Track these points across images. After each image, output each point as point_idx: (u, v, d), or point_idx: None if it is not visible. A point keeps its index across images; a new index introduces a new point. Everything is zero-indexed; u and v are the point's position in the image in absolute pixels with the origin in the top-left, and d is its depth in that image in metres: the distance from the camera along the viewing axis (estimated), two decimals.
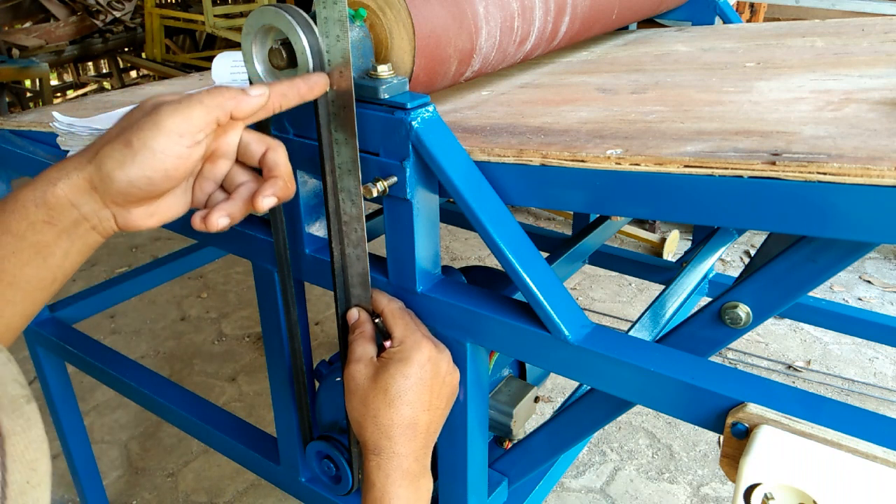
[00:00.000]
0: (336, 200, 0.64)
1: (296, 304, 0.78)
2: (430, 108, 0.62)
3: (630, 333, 0.88)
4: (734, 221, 0.54)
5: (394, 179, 0.62)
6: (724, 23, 1.32)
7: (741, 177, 0.51)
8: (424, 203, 0.64)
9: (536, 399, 0.89)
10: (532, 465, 0.82)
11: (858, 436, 0.48)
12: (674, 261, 1.49)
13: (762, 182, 0.51)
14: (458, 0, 0.71)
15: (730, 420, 0.53)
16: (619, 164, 0.57)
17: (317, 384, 0.89)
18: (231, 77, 1.14)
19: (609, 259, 1.56)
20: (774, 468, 0.48)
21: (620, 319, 2.43)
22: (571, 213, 2.49)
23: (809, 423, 0.49)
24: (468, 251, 2.95)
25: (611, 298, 2.58)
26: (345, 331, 0.70)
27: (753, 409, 0.51)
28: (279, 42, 0.60)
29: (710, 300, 0.68)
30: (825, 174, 0.48)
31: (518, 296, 0.65)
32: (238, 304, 2.57)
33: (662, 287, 1.25)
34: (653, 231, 2.97)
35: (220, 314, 2.52)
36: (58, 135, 0.93)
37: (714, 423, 0.55)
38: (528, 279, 0.60)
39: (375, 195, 0.62)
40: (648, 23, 1.36)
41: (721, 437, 0.54)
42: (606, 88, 0.82)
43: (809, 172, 0.49)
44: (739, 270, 2.64)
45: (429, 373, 0.63)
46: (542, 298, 0.60)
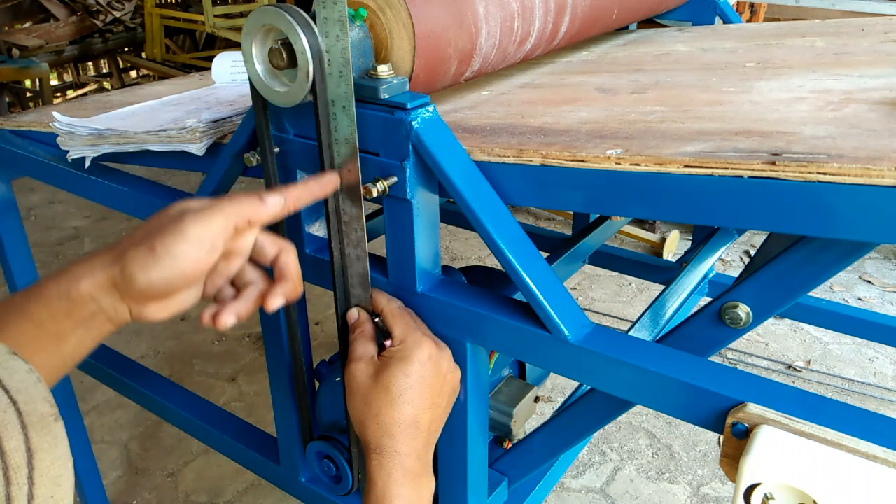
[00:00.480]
0: (336, 200, 0.64)
1: (296, 304, 0.78)
2: (430, 108, 0.62)
3: (630, 333, 0.88)
4: (734, 221, 0.54)
5: (394, 179, 0.62)
6: (724, 23, 1.32)
7: (741, 177, 0.51)
8: (424, 203, 0.64)
9: (536, 399, 0.89)
10: (532, 465, 0.82)
11: (858, 436, 0.48)
12: (674, 261, 1.49)
13: (762, 182, 0.51)
14: (458, 0, 0.71)
15: (730, 420, 0.53)
16: (619, 164, 0.57)
17: (317, 384, 0.89)
18: (231, 77, 1.14)
19: (609, 259, 1.56)
20: (774, 468, 0.48)
21: (620, 319, 2.43)
22: (571, 213, 2.49)
23: (809, 423, 0.49)
24: (468, 251, 2.95)
25: (611, 298, 2.58)
26: (345, 331, 0.70)
27: (753, 409, 0.51)
28: (279, 42, 0.60)
29: (710, 300, 0.68)
30: (825, 174, 0.48)
31: (518, 296, 0.65)
32: None
33: (662, 287, 1.25)
34: (653, 231, 2.97)
35: None
36: (58, 135, 0.93)
37: (714, 423, 0.55)
38: (528, 279, 0.60)
39: (375, 195, 0.62)
40: (648, 23, 1.36)
41: (721, 437, 0.54)
42: (606, 88, 0.82)
43: (809, 172, 0.49)
44: (739, 270, 2.63)
45: (430, 371, 0.63)
46: (542, 298, 0.60)
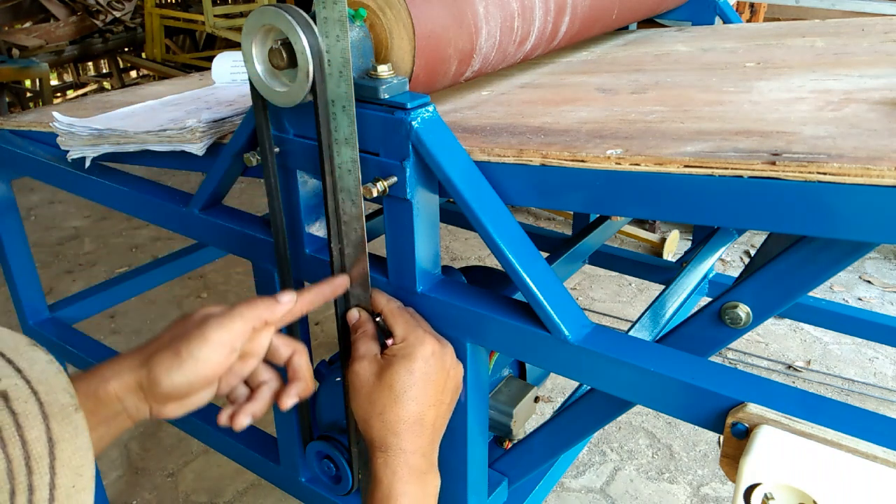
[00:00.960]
0: (336, 200, 0.64)
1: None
2: (430, 108, 0.62)
3: (630, 333, 0.88)
4: (734, 221, 0.54)
5: (394, 179, 0.62)
6: (724, 23, 1.32)
7: (741, 177, 0.51)
8: (424, 203, 0.64)
9: (536, 399, 0.89)
10: (532, 465, 0.82)
11: (858, 436, 0.48)
12: (674, 261, 1.49)
13: (762, 182, 0.51)
14: (458, 0, 0.71)
15: (730, 420, 0.53)
16: (619, 164, 0.57)
17: (317, 384, 0.89)
18: (231, 77, 1.14)
19: (609, 259, 1.56)
20: (774, 468, 0.48)
21: (620, 319, 2.43)
22: (571, 213, 2.49)
23: (809, 423, 0.49)
24: (468, 251, 2.95)
25: (611, 298, 2.58)
26: (345, 331, 0.70)
27: (753, 409, 0.51)
28: (279, 42, 0.60)
29: (710, 300, 0.68)
30: (825, 174, 0.48)
31: (518, 296, 0.65)
32: None
33: (662, 287, 1.25)
34: (653, 231, 2.97)
35: None
36: (58, 135, 0.93)
37: (714, 423, 0.55)
38: (528, 279, 0.60)
39: (375, 195, 0.62)
40: (648, 23, 1.36)
41: (721, 437, 0.54)
42: (606, 88, 0.82)
43: (809, 172, 0.49)
44: (739, 270, 2.64)
45: (433, 367, 0.63)
46: (542, 298, 0.60)
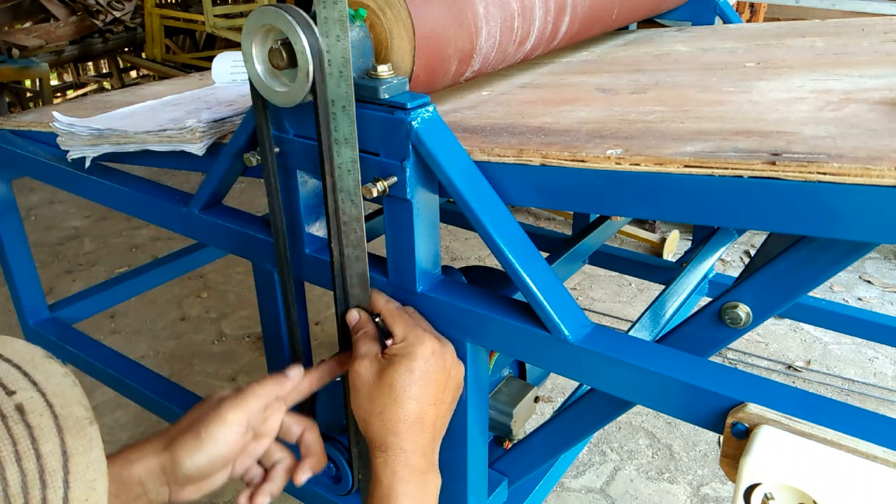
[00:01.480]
0: (336, 200, 0.64)
1: (296, 304, 0.78)
2: (430, 108, 0.62)
3: (630, 333, 0.88)
4: (734, 221, 0.54)
5: (394, 179, 0.62)
6: (724, 23, 1.32)
7: (741, 177, 0.51)
8: (424, 203, 0.64)
9: (536, 399, 0.89)
10: (532, 465, 0.82)
11: (858, 436, 0.48)
12: (674, 261, 1.49)
13: (762, 182, 0.51)
14: (458, 0, 0.71)
15: (730, 420, 0.53)
16: (619, 164, 0.57)
17: None
18: (231, 77, 1.14)
19: (609, 259, 1.56)
20: (774, 468, 0.48)
21: (620, 319, 2.43)
22: (571, 213, 2.49)
23: (809, 423, 0.49)
24: (468, 251, 2.95)
25: (611, 298, 2.58)
26: (345, 331, 0.70)
27: (753, 409, 0.51)
28: (279, 42, 0.60)
29: (710, 300, 0.68)
30: (825, 174, 0.48)
31: (518, 296, 0.65)
32: (238, 304, 2.57)
33: (662, 287, 1.25)
34: (653, 231, 2.97)
35: (220, 314, 2.52)
36: (58, 135, 0.93)
37: (714, 423, 0.55)
38: (528, 279, 0.60)
39: (375, 195, 0.62)
40: (648, 23, 1.36)
41: (721, 437, 0.54)
42: (606, 88, 0.82)
43: (809, 172, 0.49)
44: (739, 270, 2.64)
45: (434, 366, 0.63)
46: (542, 298, 0.60)
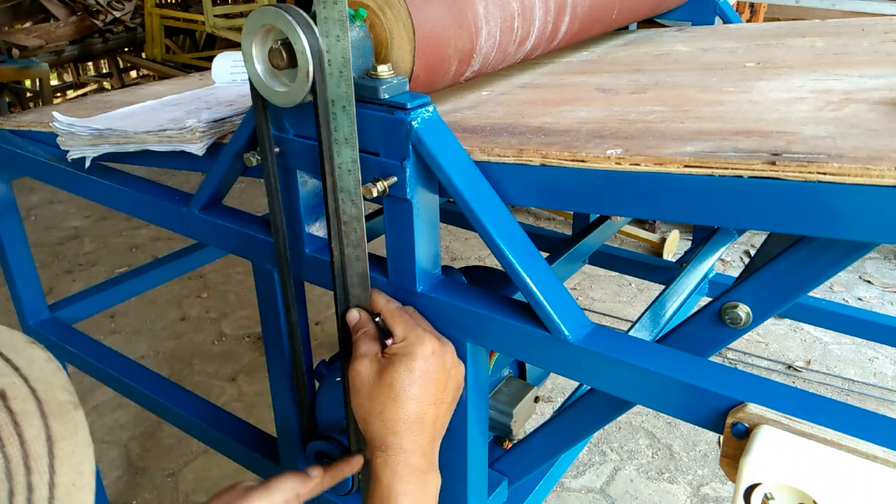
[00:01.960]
0: (336, 200, 0.64)
1: (296, 304, 0.78)
2: (430, 108, 0.62)
3: (630, 333, 0.88)
4: (734, 221, 0.54)
5: (394, 179, 0.62)
6: (724, 23, 1.32)
7: (741, 177, 0.51)
8: (424, 203, 0.64)
9: (536, 399, 0.89)
10: (532, 465, 0.82)
11: (858, 436, 0.48)
12: (674, 261, 1.49)
13: (762, 182, 0.51)
14: (458, 0, 0.71)
15: (730, 420, 0.53)
16: (619, 164, 0.56)
17: (317, 384, 0.89)
18: (231, 77, 1.14)
19: (609, 259, 1.56)
20: (774, 468, 0.48)
21: (620, 319, 2.43)
22: (571, 213, 2.49)
23: (809, 423, 0.49)
24: (468, 251, 2.95)
25: (611, 298, 2.58)
26: (345, 331, 0.70)
27: (753, 409, 0.51)
28: (279, 42, 0.60)
29: (710, 300, 0.68)
30: (825, 174, 0.48)
31: (518, 296, 0.65)
32: (238, 304, 2.57)
33: (662, 287, 1.25)
34: (653, 231, 2.97)
35: (220, 314, 2.52)
36: (58, 135, 0.93)
37: (714, 423, 0.55)
38: (528, 279, 0.60)
39: (375, 195, 0.62)
40: (648, 23, 1.36)
41: (721, 437, 0.54)
42: (606, 88, 0.82)
43: (809, 172, 0.49)
44: (739, 270, 2.63)
45: (434, 366, 0.63)
46: (542, 298, 0.60)
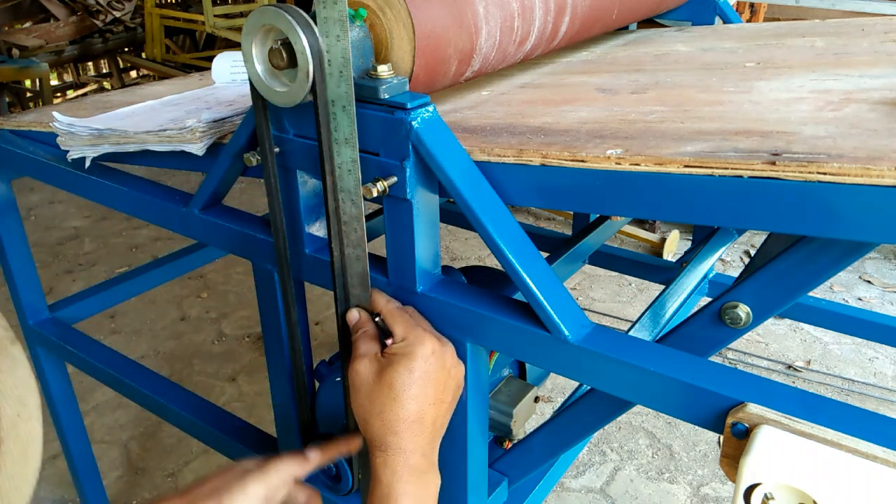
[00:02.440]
0: (336, 200, 0.64)
1: (296, 304, 0.78)
2: (430, 108, 0.62)
3: (630, 333, 0.88)
4: (734, 221, 0.54)
5: (394, 179, 0.62)
6: (724, 23, 1.32)
7: (741, 177, 0.51)
8: (424, 203, 0.64)
9: (536, 399, 0.89)
10: (532, 465, 0.82)
11: (858, 436, 0.48)
12: (674, 261, 1.49)
13: (762, 182, 0.51)
14: (458, 0, 0.71)
15: (730, 420, 0.53)
16: (619, 164, 0.56)
17: (317, 384, 0.89)
18: (231, 77, 1.14)
19: (609, 259, 1.56)
20: (774, 468, 0.48)
21: (620, 319, 2.43)
22: (571, 213, 2.49)
23: (809, 423, 0.49)
24: (468, 251, 2.95)
25: (611, 298, 2.58)
26: (345, 331, 0.70)
27: (753, 409, 0.51)
28: (279, 42, 0.60)
29: (710, 300, 0.68)
30: (825, 174, 0.48)
31: (518, 296, 0.65)
32: (238, 304, 2.57)
33: (662, 287, 1.25)
34: (653, 231, 2.97)
35: (220, 314, 2.52)
36: (58, 135, 0.93)
37: (714, 423, 0.55)
38: (528, 279, 0.60)
39: (375, 195, 0.62)
40: (648, 23, 1.36)
41: (721, 437, 0.54)
42: (606, 88, 0.82)
43: (809, 172, 0.49)
44: (739, 270, 2.63)
45: (433, 366, 0.63)
46: (542, 298, 0.60)
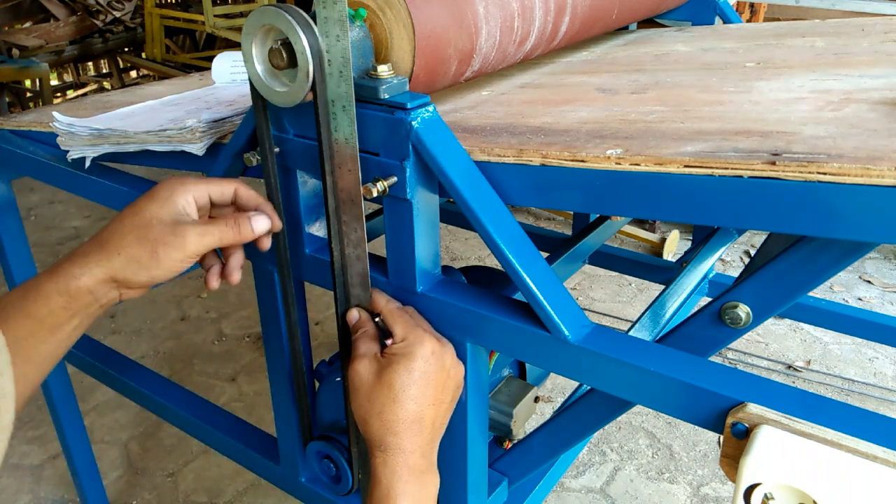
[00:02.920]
0: (336, 200, 0.64)
1: (296, 304, 0.78)
2: (430, 108, 0.62)
3: (630, 333, 0.88)
4: (734, 221, 0.54)
5: (394, 179, 0.62)
6: (724, 23, 1.32)
7: (741, 177, 0.51)
8: (424, 203, 0.64)
9: (536, 399, 0.89)
10: (532, 465, 0.82)
11: (858, 436, 0.48)
12: (674, 261, 1.49)
13: (762, 182, 0.51)
14: (458, 0, 0.71)
15: (730, 420, 0.53)
16: (619, 164, 0.57)
17: (317, 384, 0.89)
18: (231, 77, 1.14)
19: (609, 259, 1.56)
20: (774, 468, 0.48)
21: (620, 319, 2.43)
22: (571, 213, 2.49)
23: (809, 423, 0.49)
24: (468, 251, 2.95)
25: (611, 298, 2.58)
26: (345, 331, 0.70)
27: (753, 409, 0.51)
28: (279, 42, 0.60)
29: (710, 300, 0.68)
30: (825, 174, 0.48)
31: (518, 296, 0.65)
32: (238, 304, 2.57)
33: (662, 287, 1.25)
34: (653, 231, 2.97)
35: (220, 314, 2.52)
36: (58, 135, 0.93)
37: (714, 423, 0.55)
38: (528, 279, 0.60)
39: (375, 195, 0.62)
40: (648, 23, 1.36)
41: (721, 437, 0.54)
42: (606, 88, 0.82)
43: (809, 172, 0.49)
44: (739, 270, 2.64)
45: (433, 367, 0.63)
46: (542, 298, 0.60)
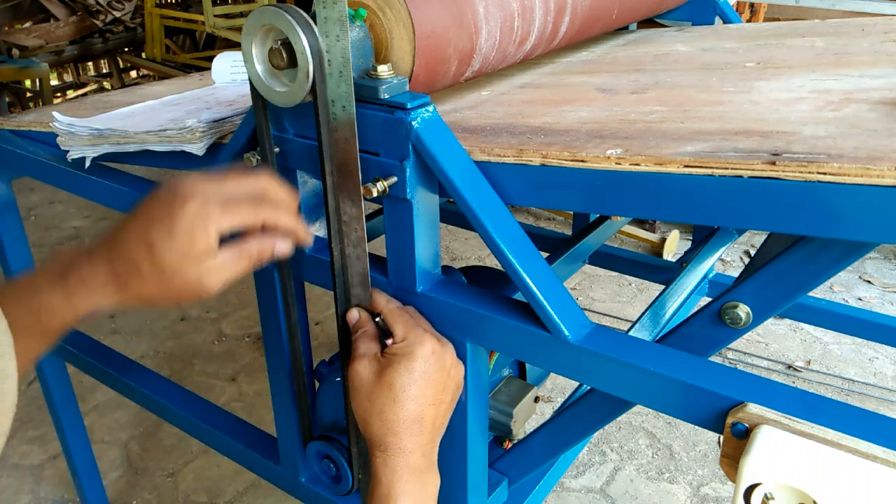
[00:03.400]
0: (336, 200, 0.64)
1: (296, 304, 0.78)
2: (430, 108, 0.62)
3: (630, 333, 0.88)
4: (734, 221, 0.54)
5: (394, 179, 0.62)
6: (724, 23, 1.32)
7: (741, 177, 0.51)
8: (424, 203, 0.64)
9: (536, 399, 0.89)
10: (532, 465, 0.82)
11: (858, 436, 0.48)
12: (674, 261, 1.49)
13: (762, 182, 0.51)
14: (458, 0, 0.71)
15: (730, 420, 0.53)
16: (619, 164, 0.57)
17: (317, 384, 0.89)
18: (231, 77, 1.14)
19: (609, 259, 1.56)
20: (774, 468, 0.48)
21: (620, 319, 2.43)
22: (571, 213, 2.49)
23: (809, 423, 0.49)
24: (468, 251, 2.95)
25: (611, 298, 2.58)
26: (345, 331, 0.70)
27: (753, 409, 0.51)
28: (279, 42, 0.60)
29: (710, 300, 0.68)
30: (825, 174, 0.48)
31: (518, 296, 0.65)
32: (238, 304, 2.57)
33: (662, 287, 1.25)
34: (653, 231, 2.97)
35: (220, 314, 2.52)
36: (58, 135, 0.93)
37: (714, 423, 0.55)
38: (528, 279, 0.60)
39: (375, 195, 0.62)
40: (648, 23, 1.36)
41: (721, 437, 0.54)
42: (606, 88, 0.82)
43: (809, 172, 0.49)
44: (739, 270, 2.63)
45: (433, 367, 0.63)
46: (542, 298, 0.60)
